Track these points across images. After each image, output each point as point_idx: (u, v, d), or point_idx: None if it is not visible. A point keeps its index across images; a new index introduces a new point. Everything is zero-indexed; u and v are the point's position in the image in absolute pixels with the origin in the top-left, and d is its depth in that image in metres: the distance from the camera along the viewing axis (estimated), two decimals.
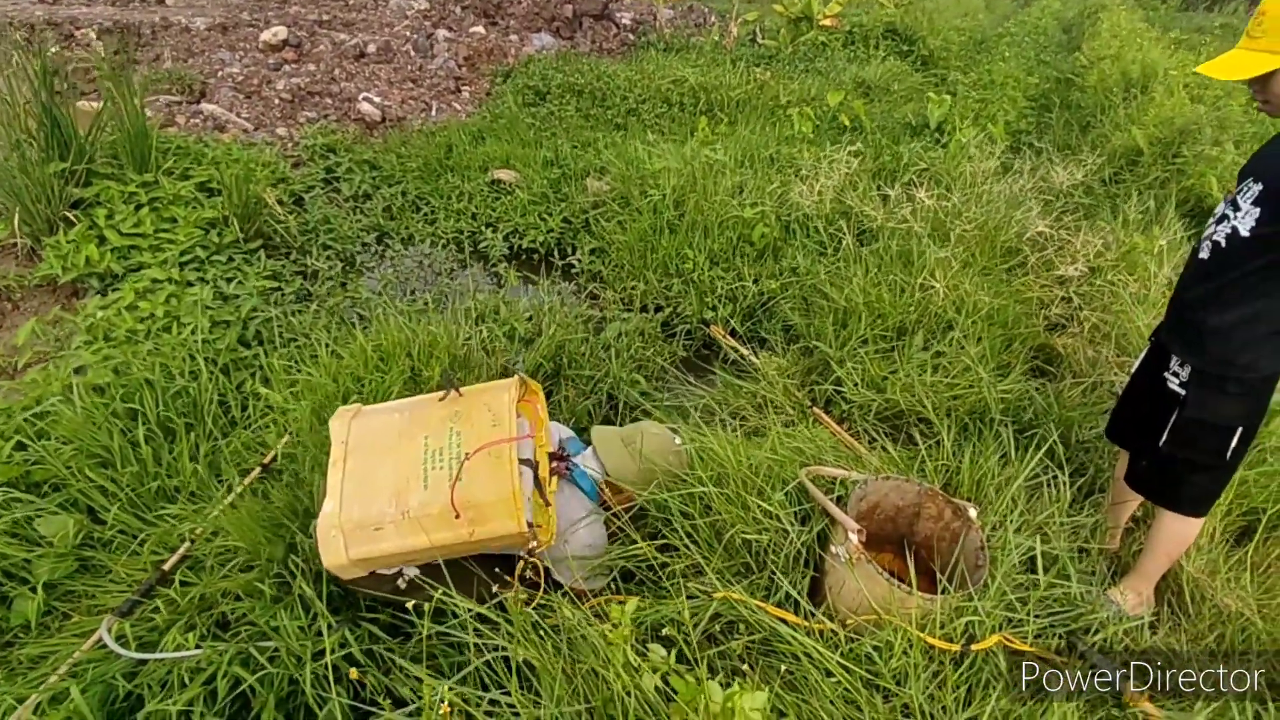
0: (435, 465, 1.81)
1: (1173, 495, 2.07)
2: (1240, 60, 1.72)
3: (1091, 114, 6.09)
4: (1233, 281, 1.81)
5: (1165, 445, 1.99)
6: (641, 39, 9.66)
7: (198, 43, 7.29)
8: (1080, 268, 3.40)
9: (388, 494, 1.80)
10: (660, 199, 4.27)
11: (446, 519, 1.76)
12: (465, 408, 1.92)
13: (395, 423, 1.92)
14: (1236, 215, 1.79)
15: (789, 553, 1.91)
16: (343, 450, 1.86)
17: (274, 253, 3.90)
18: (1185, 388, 1.95)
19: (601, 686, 1.52)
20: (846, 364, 2.85)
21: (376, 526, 1.78)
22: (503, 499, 1.75)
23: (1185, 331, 1.95)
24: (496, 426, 1.85)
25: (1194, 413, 1.92)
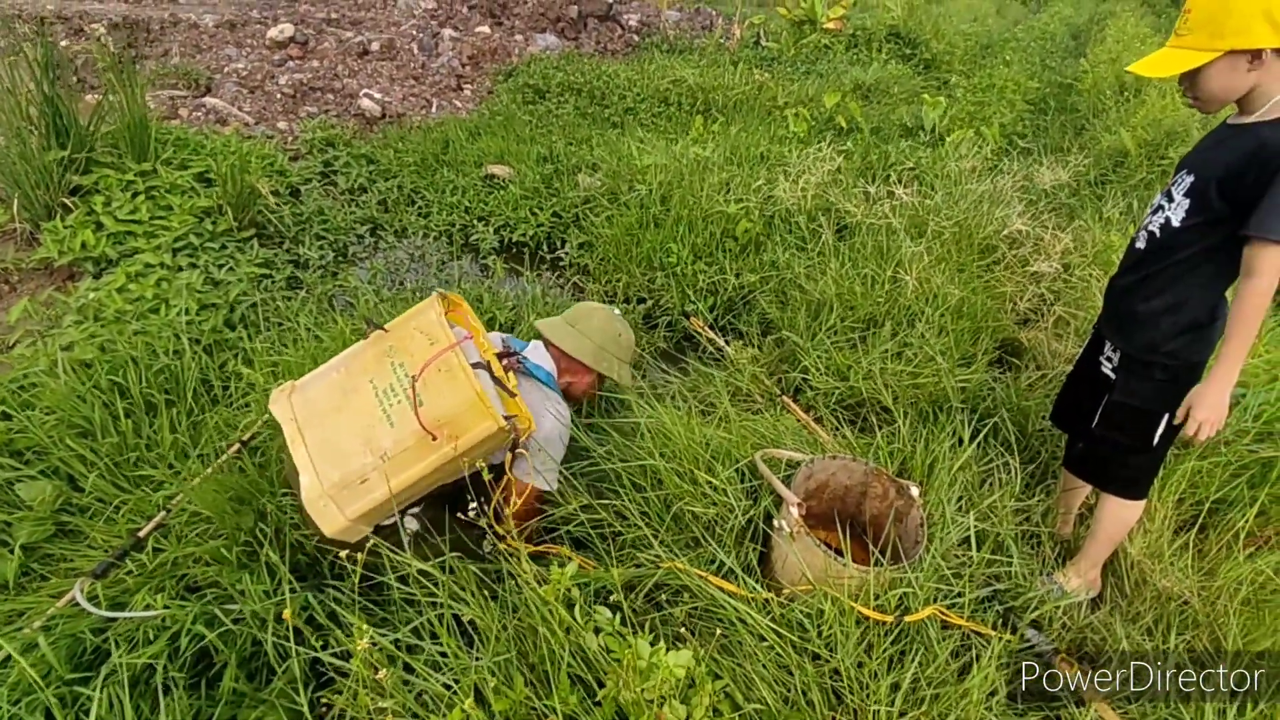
0: (392, 401, 1.84)
1: (1104, 476, 2.15)
2: (1169, 58, 1.75)
3: (1085, 117, 6.12)
4: (1161, 270, 1.88)
5: (1097, 428, 2.08)
6: (646, 40, 9.75)
7: (206, 39, 7.43)
8: (1054, 264, 3.45)
9: (359, 446, 1.82)
10: (647, 194, 4.34)
11: (425, 444, 1.79)
12: (397, 340, 1.93)
13: (336, 381, 1.95)
14: (1170, 206, 1.85)
15: (734, 526, 1.97)
16: (294, 427, 1.88)
17: (267, 241, 4.00)
18: (1115, 372, 2.03)
19: (541, 643, 1.59)
20: (811, 354, 2.91)
21: (361, 479, 1.81)
22: (470, 403, 1.78)
23: (1116, 318, 2.03)
24: (434, 343, 1.86)
25: (1121, 397, 2.00)
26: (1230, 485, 2.40)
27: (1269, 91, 1.68)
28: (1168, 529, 2.28)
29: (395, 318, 2.04)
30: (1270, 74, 1.66)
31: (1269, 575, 2.07)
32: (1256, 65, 1.65)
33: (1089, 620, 2.04)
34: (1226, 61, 1.67)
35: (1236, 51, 1.64)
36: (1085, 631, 2.03)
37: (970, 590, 1.91)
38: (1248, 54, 1.64)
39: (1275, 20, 1.60)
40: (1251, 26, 1.60)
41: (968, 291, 3.18)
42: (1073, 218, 4.12)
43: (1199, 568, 2.18)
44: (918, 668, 1.68)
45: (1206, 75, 1.71)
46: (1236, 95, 1.72)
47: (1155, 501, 2.37)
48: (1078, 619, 2.04)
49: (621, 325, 2.39)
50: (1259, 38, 1.61)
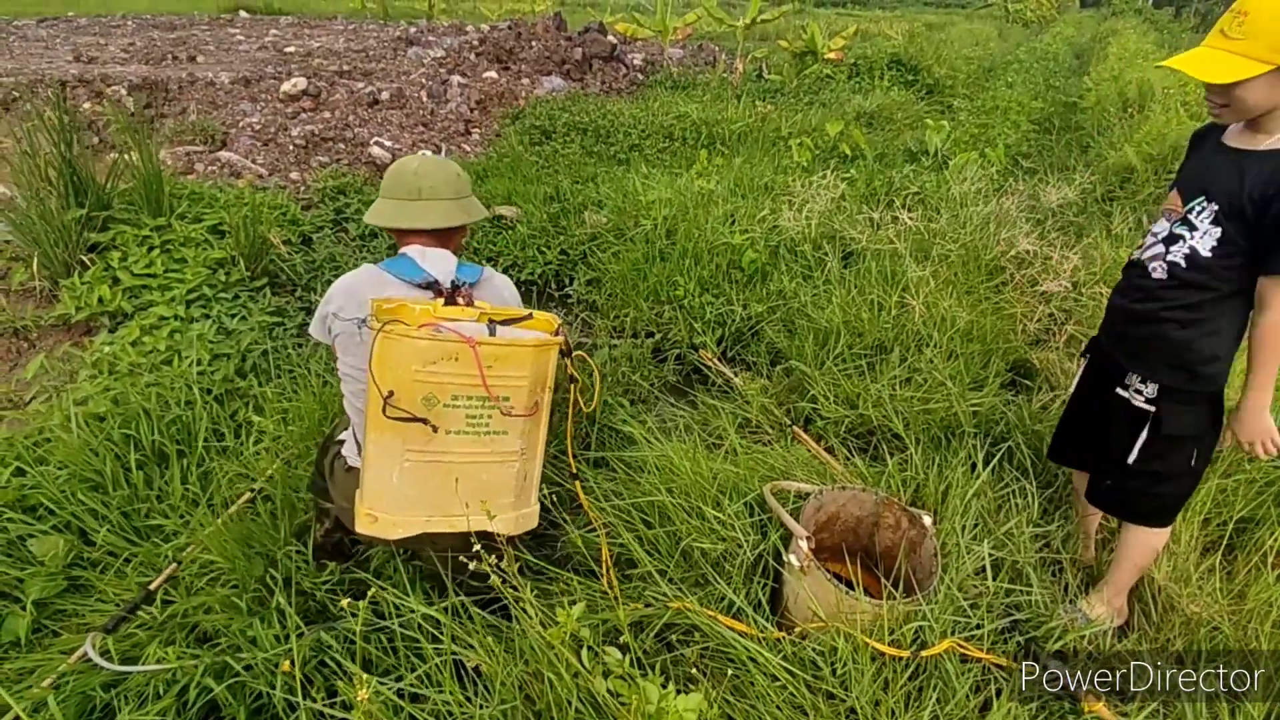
0: (485, 423, 1.78)
1: (1142, 510, 2.03)
2: (1216, 61, 1.62)
3: (1090, 134, 6.12)
4: (1194, 301, 1.78)
5: (1136, 463, 1.94)
6: (650, 78, 9.93)
7: (222, 95, 7.65)
8: (1064, 283, 3.41)
9: (498, 468, 1.84)
10: (652, 228, 4.38)
11: (536, 415, 1.85)
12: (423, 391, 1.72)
13: (417, 464, 1.79)
14: (1194, 236, 1.75)
15: (743, 562, 1.94)
16: (438, 519, 1.82)
17: (280, 290, 4.06)
18: (1154, 404, 1.89)
19: (547, 689, 1.56)
20: (820, 383, 2.89)
21: (524, 478, 1.90)
22: (530, 356, 1.76)
23: (1142, 349, 1.91)
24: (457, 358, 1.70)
25: (1171, 429, 1.88)
26: (1256, 503, 2.33)
27: None
28: (1194, 551, 2.22)
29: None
30: None
31: None
32: None
33: (1115, 650, 1.97)
34: (1274, 77, 1.57)
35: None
36: (1112, 661, 1.96)
37: (989, 621, 1.85)
38: None
39: None
40: None
41: (976, 314, 3.16)
42: (1081, 235, 4.09)
43: (1228, 590, 2.11)
44: (936, 705, 1.63)
45: (1250, 87, 1.60)
46: (1264, 111, 1.65)
47: (1180, 523, 2.30)
48: (1104, 648, 1.97)
49: (452, 165, 2.05)
50: None
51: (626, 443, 2.69)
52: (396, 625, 1.71)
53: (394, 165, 2.05)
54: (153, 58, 9.47)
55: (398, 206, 1.98)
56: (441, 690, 1.53)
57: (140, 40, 11.23)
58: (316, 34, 13.24)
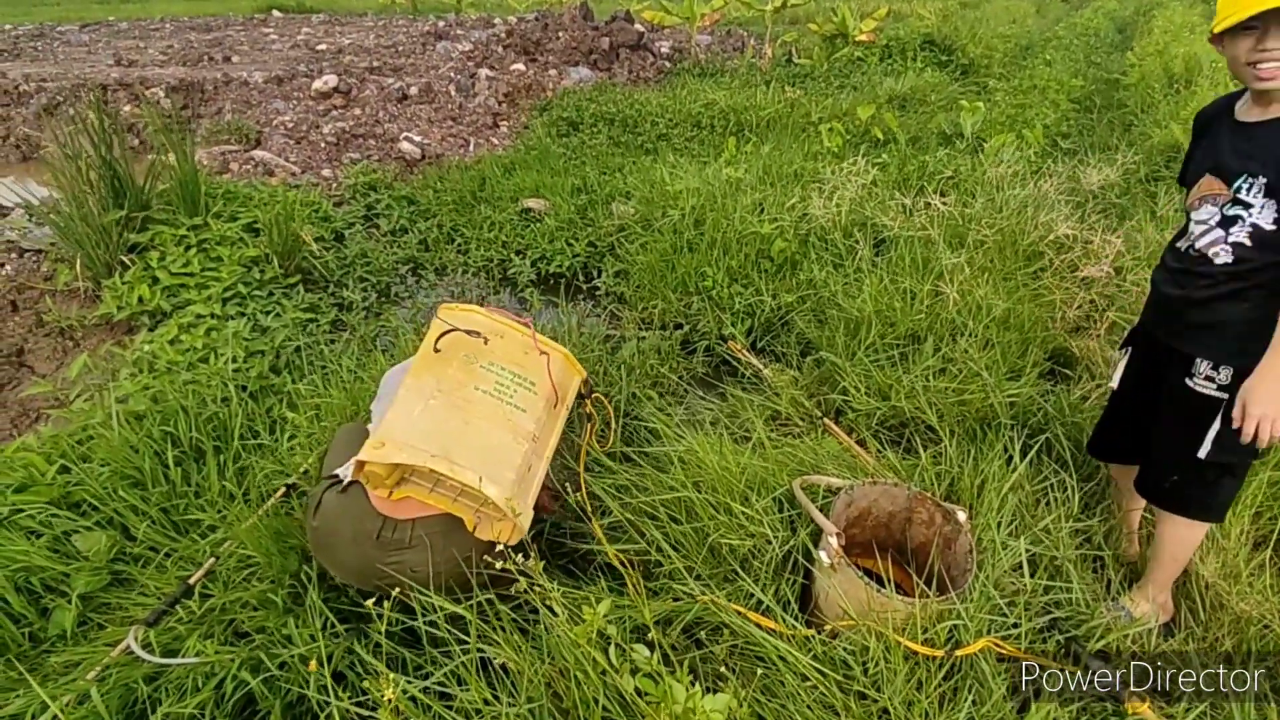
0: (513, 393, 2.05)
1: (1204, 506, 1.95)
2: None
3: (1133, 112, 5.91)
4: (1269, 278, 1.73)
5: (1210, 455, 1.85)
6: (678, 66, 9.84)
7: (255, 95, 7.78)
8: (1105, 268, 3.30)
9: (510, 440, 1.96)
10: (680, 219, 4.34)
11: (552, 414, 2.12)
12: (470, 349, 2.09)
13: (441, 404, 1.99)
14: (1252, 212, 1.70)
15: (772, 559, 1.92)
16: (441, 460, 1.85)
17: (313, 286, 4.12)
18: (1228, 390, 1.80)
19: (573, 687, 1.56)
20: (851, 374, 2.84)
21: (528, 468, 1.95)
22: (562, 366, 2.18)
23: (1216, 335, 1.82)
24: (504, 336, 2.14)
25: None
26: None
27: None
28: (1244, 546, 2.13)
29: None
30: None
31: None
32: None
33: (1161, 649, 1.91)
34: None
35: None
36: (1158, 661, 1.89)
37: (1027, 619, 1.81)
38: None
39: None
40: None
41: (1013, 301, 3.07)
42: (1124, 218, 3.96)
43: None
44: (971, 706, 1.59)
45: None
46: None
47: (1230, 516, 2.21)
48: (1149, 647, 1.91)
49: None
50: None
51: (654, 436, 2.67)
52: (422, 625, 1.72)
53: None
54: (189, 59, 9.66)
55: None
56: (467, 689, 1.54)
57: (178, 42, 11.46)
58: (347, 31, 13.38)
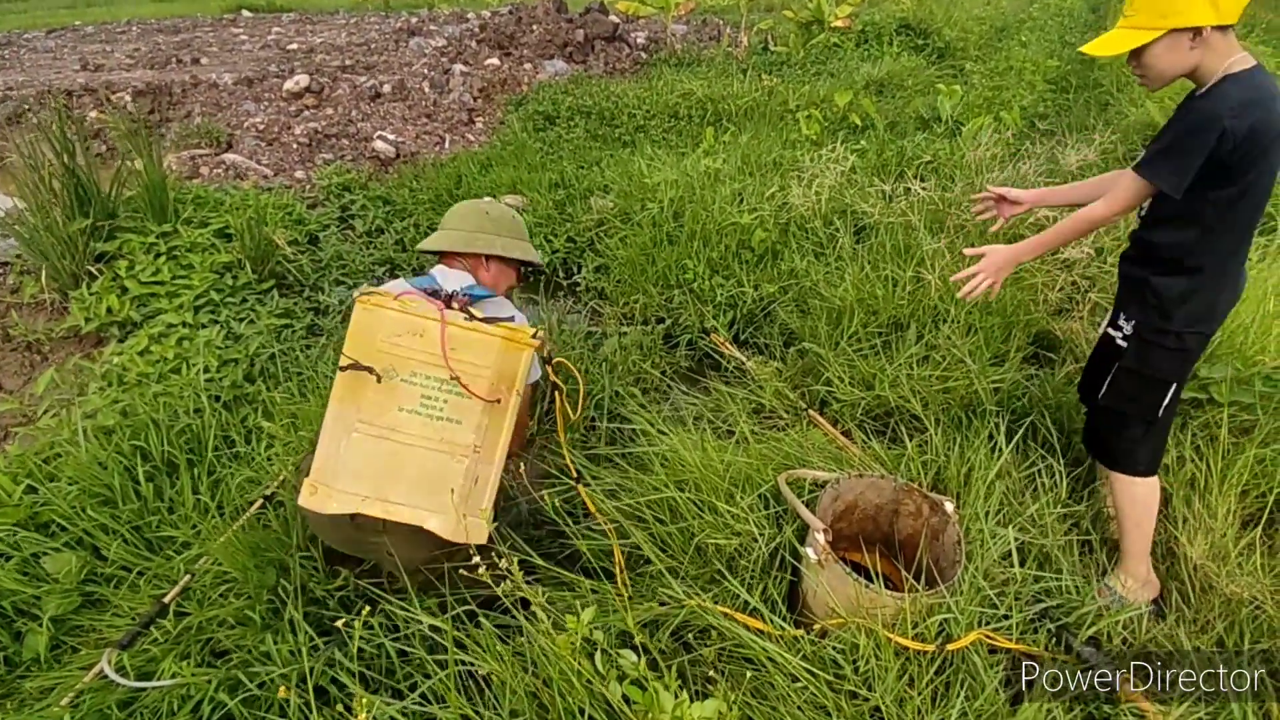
0: (440, 406, 1.84)
1: (1114, 453, 2.10)
2: (1116, 38, 1.80)
3: (1109, 92, 5.91)
4: (1164, 238, 1.90)
5: (1104, 398, 2.06)
6: (654, 56, 9.76)
7: (225, 97, 7.63)
8: (1087, 249, 3.29)
9: (448, 460, 1.83)
10: (659, 211, 4.29)
11: (496, 412, 1.84)
12: (383, 362, 1.83)
13: (365, 436, 1.84)
14: None
15: (759, 557, 1.89)
16: (375, 502, 1.83)
17: (287, 291, 4.04)
18: (1128, 340, 2.01)
19: (558, 697, 1.52)
20: (834, 364, 2.81)
21: (474, 480, 1.85)
22: (500, 348, 1.83)
23: (1125, 286, 2.04)
24: (422, 334, 1.83)
25: (1131, 363, 1.99)
26: None
27: (1211, 68, 1.74)
28: (1232, 526, 2.12)
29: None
30: (1213, 51, 1.72)
31: None
32: (1198, 43, 1.70)
33: (1152, 634, 1.90)
34: (1169, 40, 1.72)
35: (1178, 30, 1.70)
36: (1149, 646, 1.88)
37: (1018, 610, 1.79)
38: (1189, 32, 1.69)
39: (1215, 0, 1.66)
40: (1192, 6, 1.66)
41: None
42: None
43: (1270, 567, 2.02)
44: (964, 701, 1.57)
45: (1152, 53, 1.76)
46: (1181, 72, 1.78)
47: (1215, 495, 2.21)
48: (1140, 633, 1.90)
49: (489, 205, 2.35)
50: (1199, 16, 1.66)
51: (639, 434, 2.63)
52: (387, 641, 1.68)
53: (471, 205, 2.37)
54: (157, 62, 9.47)
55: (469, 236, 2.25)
56: (445, 706, 1.50)
57: (145, 45, 11.24)
58: (318, 29, 13.18)
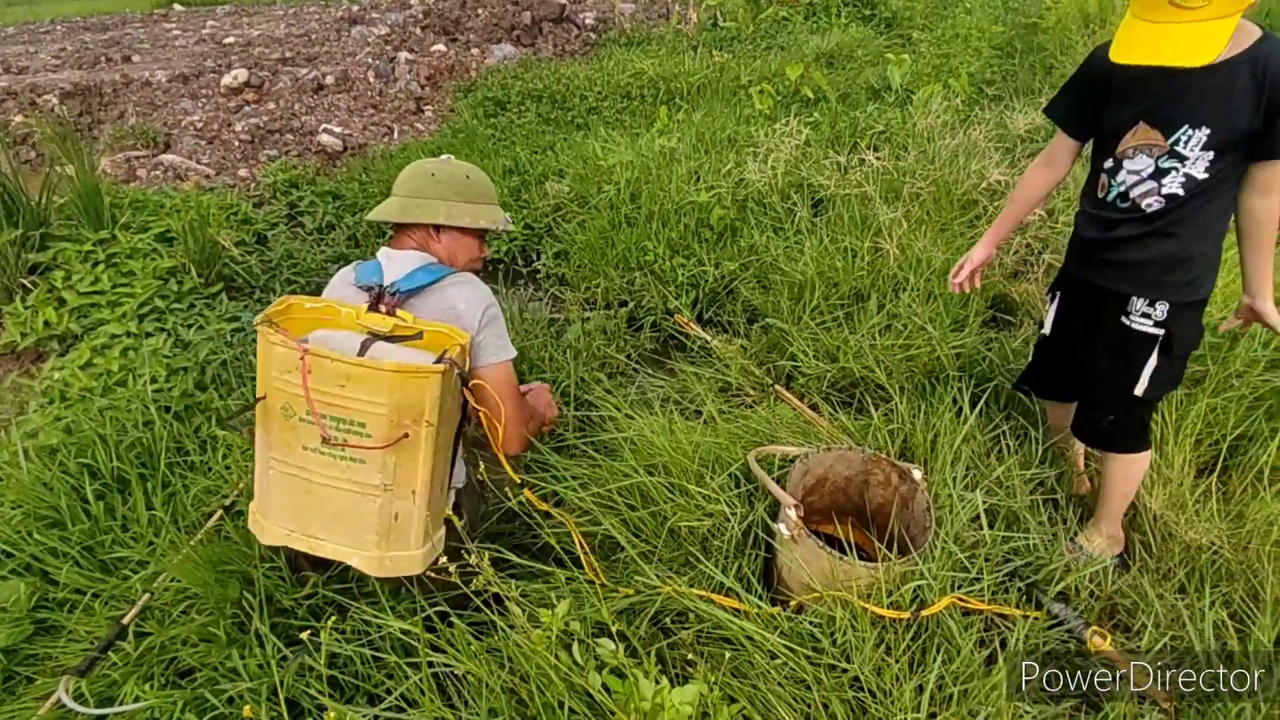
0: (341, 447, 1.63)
1: (1132, 440, 2.01)
2: (1196, 37, 1.58)
3: (1053, 55, 5.99)
4: (1189, 218, 1.79)
5: (1146, 391, 1.91)
6: (603, 37, 9.63)
7: (160, 95, 7.35)
8: (1038, 211, 3.33)
9: (359, 500, 1.67)
10: (615, 194, 4.24)
11: (407, 447, 1.63)
12: (286, 399, 1.65)
13: (280, 473, 1.74)
14: (1187, 164, 1.74)
15: (732, 536, 1.88)
16: (299, 537, 1.76)
17: (237, 294, 3.92)
18: (1165, 326, 1.87)
19: (536, 692, 1.50)
20: (798, 338, 2.81)
21: (393, 517, 1.69)
22: (399, 382, 1.57)
23: (1149, 273, 1.87)
24: (311, 373, 1.59)
25: (1181, 348, 1.89)
26: (1248, 420, 2.29)
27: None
28: (1188, 475, 2.18)
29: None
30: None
31: None
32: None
33: (1118, 585, 1.94)
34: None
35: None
36: (1115, 597, 1.92)
37: (988, 571, 1.81)
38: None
39: None
40: None
41: (952, 252, 3.08)
42: None
43: (1226, 512, 2.08)
44: (941, 665, 1.58)
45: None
46: None
47: (1172, 446, 2.26)
48: (1106, 585, 1.94)
49: (438, 164, 2.02)
50: None
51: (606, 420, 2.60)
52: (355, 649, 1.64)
53: (418, 167, 2.05)
54: (85, 62, 9.07)
55: (404, 204, 1.97)
56: (418, 708, 1.46)
57: (71, 45, 10.75)
58: (255, 22, 12.75)
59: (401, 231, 2.00)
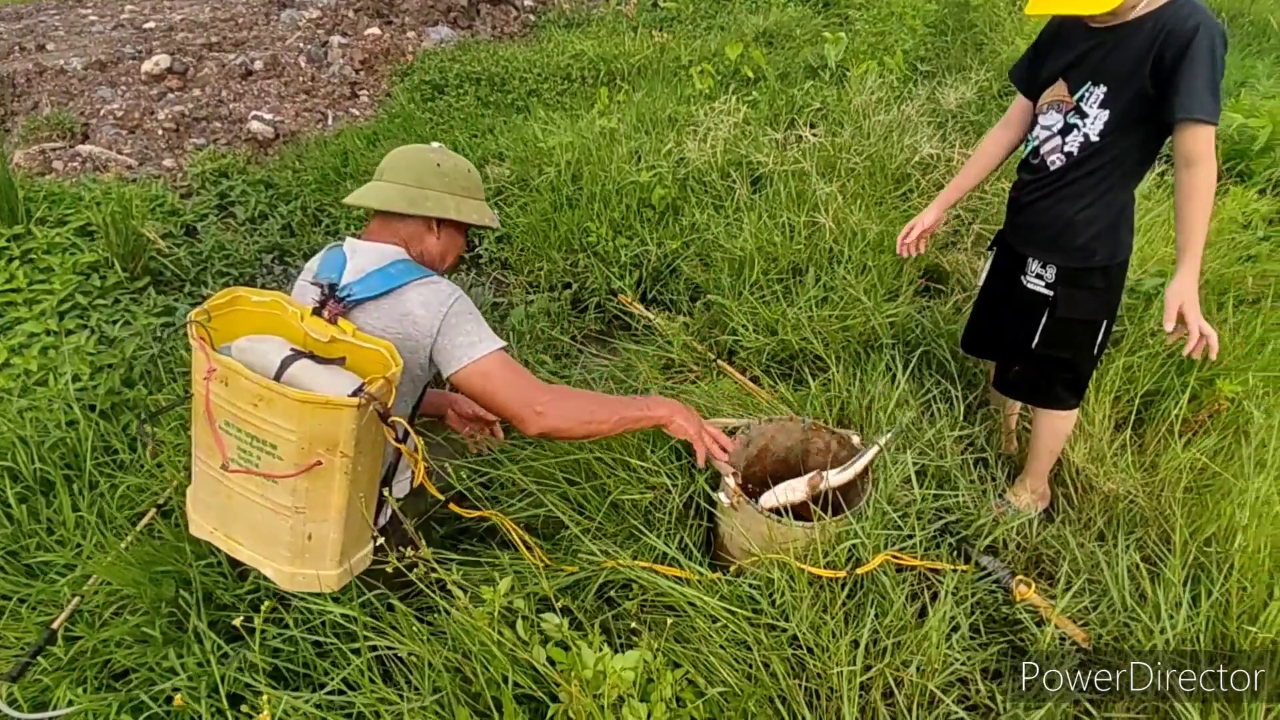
0: (255, 460, 1.55)
1: (1047, 395, 2.11)
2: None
3: (983, 32, 6.13)
4: (1084, 179, 1.85)
5: (1039, 347, 2.02)
6: (543, 18, 9.50)
7: (77, 84, 7.00)
8: None
9: (272, 517, 1.60)
10: (556, 175, 4.22)
11: (322, 474, 1.53)
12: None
13: (204, 470, 1.69)
14: (1086, 122, 1.80)
15: (673, 508, 1.91)
16: (221, 536, 1.74)
17: (165, 288, 3.79)
18: (1053, 288, 1.97)
19: (479, 669, 1.50)
20: (738, 313, 2.84)
21: (306, 537, 1.59)
22: (307, 412, 1.46)
23: (1042, 235, 1.97)
24: (227, 385, 1.51)
25: (1066, 312, 1.95)
26: (1160, 375, 2.41)
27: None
28: (1107, 430, 2.28)
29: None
30: None
31: (1205, 460, 2.08)
32: None
33: (1042, 536, 2.03)
34: None
35: None
36: (1039, 548, 2.01)
37: (920, 528, 1.87)
38: None
39: None
40: None
41: (885, 224, 3.15)
42: (980, 134, 4.11)
43: (1140, 463, 2.19)
44: (875, 619, 1.64)
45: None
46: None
47: (1093, 404, 2.36)
48: (1031, 537, 2.03)
49: (439, 153, 1.91)
50: None
51: None
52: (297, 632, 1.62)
53: (418, 151, 1.93)
54: None
55: (414, 194, 1.81)
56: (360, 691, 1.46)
57: None
58: (177, 5, 12.19)
59: (380, 219, 1.83)
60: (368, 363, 1.59)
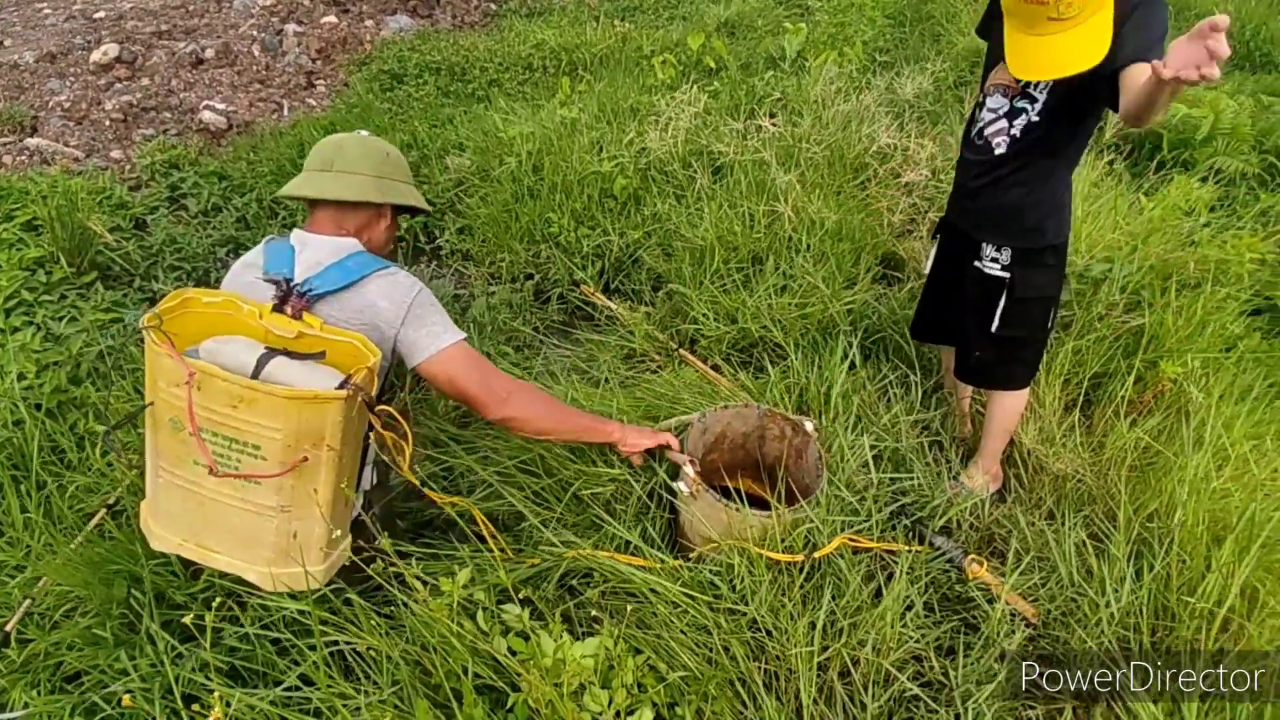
0: (235, 464, 1.52)
1: (1007, 376, 2.16)
2: (1075, 44, 1.57)
3: (940, 23, 6.22)
4: (1030, 163, 1.90)
5: (1000, 330, 2.06)
6: (504, 7, 9.40)
7: (27, 77, 6.76)
8: (923, 172, 3.48)
9: (255, 519, 1.56)
10: (518, 166, 4.18)
11: (306, 471, 1.51)
12: (173, 410, 1.52)
13: (169, 481, 1.63)
14: (1035, 108, 1.84)
15: (635, 498, 1.92)
16: (192, 547, 1.68)
17: (114, 283, 3.69)
18: (1010, 270, 2.01)
19: (439, 660, 1.50)
20: (699, 302, 2.86)
21: (291, 536, 1.58)
22: (295, 409, 1.45)
23: (994, 219, 2.01)
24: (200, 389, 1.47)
25: (1024, 292, 2.01)
26: (1107, 358, 2.48)
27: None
28: (1056, 412, 2.35)
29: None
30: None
31: (1149, 440, 2.15)
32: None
33: (994, 516, 2.08)
34: None
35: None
36: (992, 527, 2.07)
37: (876, 511, 1.91)
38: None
39: None
40: None
41: (843, 213, 3.18)
42: (936, 123, 4.18)
43: (1088, 444, 2.25)
44: (832, 601, 1.67)
45: None
46: None
47: (1043, 386, 2.43)
48: (984, 517, 2.08)
49: (381, 142, 1.90)
50: None
51: None
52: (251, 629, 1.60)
53: (362, 142, 1.87)
54: None
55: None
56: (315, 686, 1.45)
57: None
58: None
59: (329, 211, 1.78)
60: (342, 355, 1.59)
